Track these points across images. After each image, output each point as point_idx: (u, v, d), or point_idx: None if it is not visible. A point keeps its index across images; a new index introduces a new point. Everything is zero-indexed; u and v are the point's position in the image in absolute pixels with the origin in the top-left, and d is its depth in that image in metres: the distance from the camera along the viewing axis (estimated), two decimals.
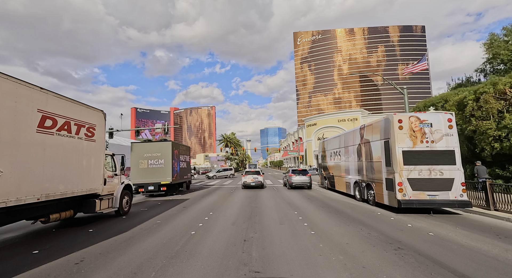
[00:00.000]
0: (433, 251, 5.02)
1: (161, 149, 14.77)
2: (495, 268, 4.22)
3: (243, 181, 19.01)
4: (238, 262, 4.50)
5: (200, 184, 25.75)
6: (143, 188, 14.47)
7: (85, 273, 4.19)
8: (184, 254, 5.00)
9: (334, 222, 7.86)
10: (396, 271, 4.10)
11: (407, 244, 5.47)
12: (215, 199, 13.71)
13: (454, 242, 5.65)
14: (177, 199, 13.82)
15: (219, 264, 4.45)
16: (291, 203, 11.91)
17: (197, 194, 16.56)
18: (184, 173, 17.61)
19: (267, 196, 14.60)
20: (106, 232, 6.94)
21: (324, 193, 15.87)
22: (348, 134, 13.51)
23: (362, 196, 11.52)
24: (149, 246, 5.59)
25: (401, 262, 4.45)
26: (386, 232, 6.53)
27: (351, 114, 57.00)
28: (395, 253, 4.94)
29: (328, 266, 4.33)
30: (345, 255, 4.84)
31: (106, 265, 4.51)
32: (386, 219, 8.12)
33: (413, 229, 6.79)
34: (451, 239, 5.89)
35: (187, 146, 18.99)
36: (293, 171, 18.49)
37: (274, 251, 5.08)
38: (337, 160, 15.29)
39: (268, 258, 4.72)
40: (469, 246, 5.37)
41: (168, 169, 14.62)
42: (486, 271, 4.08)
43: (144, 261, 4.64)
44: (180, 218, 8.79)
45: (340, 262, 4.49)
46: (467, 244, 5.47)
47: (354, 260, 4.56)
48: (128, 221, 8.40)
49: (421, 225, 7.27)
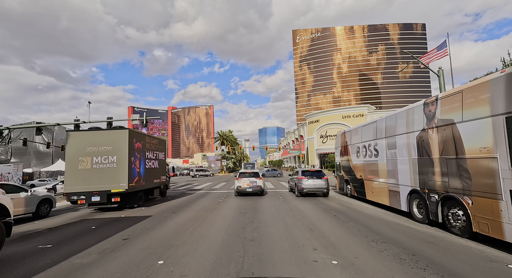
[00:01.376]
0: None
1: (113, 140, 10.01)
2: None
3: (237, 185, 14.31)
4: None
5: (184, 188, 20.93)
6: (84, 198, 9.69)
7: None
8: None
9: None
10: None
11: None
12: (190, 216, 8.96)
13: None
14: (132, 217, 9.05)
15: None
16: (310, 225, 7.22)
17: (169, 205, 11.79)
18: (155, 175, 12.82)
19: (271, 210, 9.92)
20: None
21: (350, 204, 11.21)
22: (394, 118, 8.87)
23: (431, 215, 6.89)
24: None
25: None
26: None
27: (357, 110, 52.49)
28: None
29: None
30: None
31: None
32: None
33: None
34: None
35: (161, 138, 14.17)
36: (303, 172, 13.81)
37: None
38: (370, 157, 10.66)
39: None
40: None
41: (123, 170, 9.85)
42: None
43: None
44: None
45: None
46: None
47: None
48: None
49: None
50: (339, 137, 14.73)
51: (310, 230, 6.79)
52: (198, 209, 10.47)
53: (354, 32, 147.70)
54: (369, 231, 6.56)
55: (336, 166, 15.43)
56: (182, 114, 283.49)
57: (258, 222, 7.81)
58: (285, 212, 9.48)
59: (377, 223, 7.45)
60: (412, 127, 7.74)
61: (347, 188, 13.69)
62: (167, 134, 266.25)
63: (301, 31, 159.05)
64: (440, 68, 16.64)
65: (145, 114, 22.58)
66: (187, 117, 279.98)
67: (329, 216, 8.56)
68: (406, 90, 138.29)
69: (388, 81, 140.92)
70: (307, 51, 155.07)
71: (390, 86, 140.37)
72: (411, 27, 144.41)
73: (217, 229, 6.96)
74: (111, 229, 7.21)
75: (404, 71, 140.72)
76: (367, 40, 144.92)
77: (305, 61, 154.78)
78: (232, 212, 9.51)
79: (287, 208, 10.27)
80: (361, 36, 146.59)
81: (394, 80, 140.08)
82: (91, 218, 8.97)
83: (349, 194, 13.39)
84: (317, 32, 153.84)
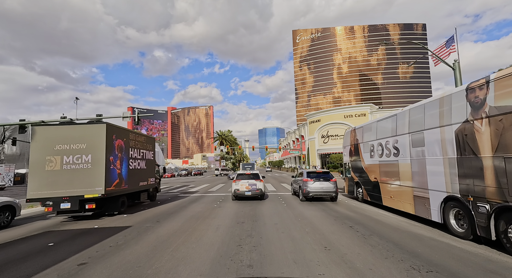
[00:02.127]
0: None
1: (88, 136, 8.50)
2: None
3: (234, 188, 12.81)
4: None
5: (178, 191, 19.40)
6: (52, 205, 8.17)
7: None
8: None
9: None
10: None
11: None
12: (176, 227, 7.45)
13: None
14: (106, 229, 7.55)
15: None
16: (324, 242, 5.74)
17: (156, 212, 10.29)
18: (141, 177, 11.30)
19: (273, 218, 8.42)
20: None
21: (364, 211, 9.72)
22: (421, 109, 7.38)
23: (479, 230, 5.40)
24: None
25: None
26: None
27: (359, 110, 51.02)
28: None
29: None
30: None
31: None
32: None
33: None
34: None
35: (149, 136, 12.63)
36: (309, 174, 12.31)
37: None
38: (388, 157, 9.18)
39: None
40: None
41: (99, 172, 8.34)
42: None
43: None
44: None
45: None
46: None
47: None
48: None
49: None
50: (348, 135, 13.25)
51: (325, 249, 5.30)
52: (188, 217, 8.96)
53: (355, 32, 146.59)
54: (401, 251, 5.08)
55: (344, 167, 13.95)
56: (182, 114, 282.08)
57: (258, 236, 6.32)
58: (290, 221, 7.99)
59: (407, 239, 5.96)
60: (449, 120, 6.26)
61: (358, 191, 12.20)
62: (166, 134, 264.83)
63: (301, 31, 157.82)
64: (456, 61, 15.24)
65: (136, 112, 21.15)
66: (186, 118, 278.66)
67: (344, 228, 7.06)
68: (407, 90, 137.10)
69: (388, 81, 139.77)
70: (307, 51, 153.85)
71: (391, 86, 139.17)
72: (412, 27, 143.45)
73: (206, 247, 5.47)
74: (72, 247, 5.70)
75: (405, 71, 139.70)
76: (368, 40, 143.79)
77: (305, 62, 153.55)
78: (227, 222, 8.01)
79: (292, 216, 8.77)
80: (362, 36, 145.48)
81: (394, 80, 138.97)
82: (57, 230, 7.45)
83: (360, 198, 11.90)
84: (317, 32, 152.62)
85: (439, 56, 17.18)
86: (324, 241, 5.85)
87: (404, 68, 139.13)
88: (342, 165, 14.98)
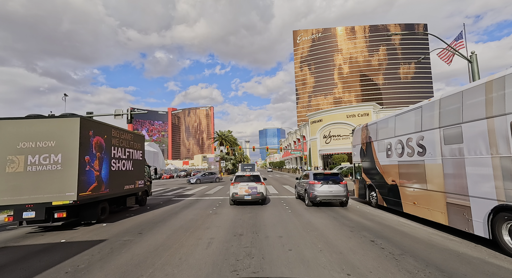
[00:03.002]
0: None
1: (58, 132, 7.20)
2: None
3: (232, 192, 11.47)
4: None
5: (173, 194, 18.06)
6: (13, 214, 6.85)
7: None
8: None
9: None
10: None
11: None
12: (160, 241, 6.12)
13: None
14: (74, 244, 6.24)
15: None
16: (344, 264, 4.41)
17: (142, 219, 8.97)
18: (127, 180, 9.97)
19: (277, 230, 7.08)
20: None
21: (382, 219, 8.38)
22: (459, 98, 6.04)
23: None
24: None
25: None
26: None
27: (362, 109, 49.65)
28: None
29: None
30: None
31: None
32: None
33: None
34: None
35: (137, 133, 11.25)
36: (316, 175, 10.97)
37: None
38: (410, 156, 7.86)
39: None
40: None
41: (71, 174, 7.03)
42: None
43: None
44: None
45: None
46: None
47: None
48: None
49: None
50: (359, 132, 11.93)
51: (348, 277, 3.98)
52: (176, 226, 7.64)
53: (355, 32, 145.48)
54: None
55: (354, 168, 12.62)
56: (182, 115, 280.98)
57: (259, 255, 5.00)
58: (297, 233, 6.66)
59: (451, 261, 4.63)
60: (501, 108, 4.95)
61: (371, 195, 10.87)
62: (167, 135, 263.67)
63: (302, 31, 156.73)
64: (473, 53, 13.96)
65: (128, 110, 19.88)
66: (187, 119, 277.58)
67: (365, 243, 5.73)
68: (408, 90, 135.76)
69: (389, 82, 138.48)
70: (307, 52, 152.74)
71: (392, 87, 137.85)
72: (413, 28, 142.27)
73: (191, 273, 4.15)
74: (15, 274, 4.39)
75: (406, 72, 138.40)
76: (368, 40, 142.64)
77: (305, 62, 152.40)
78: (222, 234, 6.68)
79: (298, 226, 7.45)
80: (362, 36, 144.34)
81: (395, 81, 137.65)
82: (13, 246, 6.12)
83: (374, 203, 10.57)
84: (318, 33, 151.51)
85: (450, 52, 16.50)
86: (344, 263, 4.53)
87: (406, 68, 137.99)
88: (352, 166, 13.64)
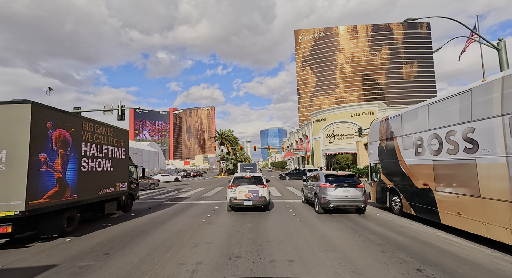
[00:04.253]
0: None
1: (1, 123, 5.62)
2: None
3: (230, 196, 9.83)
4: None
5: (166, 197, 16.43)
6: None
7: None
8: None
9: None
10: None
11: None
12: (129, 267, 4.50)
13: None
14: (10, 271, 4.64)
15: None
16: None
17: (117, 231, 7.37)
18: (104, 183, 8.35)
19: (285, 247, 5.44)
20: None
21: (416, 232, 6.73)
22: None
23: None
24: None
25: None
26: None
27: (367, 108, 47.89)
28: None
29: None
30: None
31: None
32: None
33: None
34: None
35: (119, 128, 9.54)
36: (328, 177, 9.32)
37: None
38: (452, 154, 6.23)
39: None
40: None
41: (18, 177, 5.45)
42: None
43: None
44: None
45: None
46: None
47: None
48: None
49: None
50: (377, 127, 10.29)
51: None
52: (157, 243, 6.02)
53: (358, 32, 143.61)
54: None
55: (370, 168, 10.97)
56: (184, 115, 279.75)
57: None
58: (312, 255, 5.03)
59: None
60: None
61: (393, 200, 9.22)
62: (168, 135, 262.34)
63: (303, 31, 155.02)
64: (501, 39, 12.41)
65: (119, 106, 18.36)
66: (188, 119, 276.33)
67: (412, 274, 4.10)
68: (411, 90, 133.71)
69: (392, 82, 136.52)
70: (309, 51, 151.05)
71: (394, 86, 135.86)
72: (416, 27, 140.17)
73: None
74: None
75: (409, 71, 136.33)
76: (371, 40, 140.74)
77: (307, 62, 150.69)
78: (212, 255, 5.06)
79: (312, 243, 5.82)
80: (365, 36, 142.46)
81: (398, 80, 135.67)
82: None
83: (397, 210, 8.92)
84: (320, 32, 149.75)
85: (465, 46, 15.70)
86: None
87: (408, 68, 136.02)
88: (368, 167, 11.98)
